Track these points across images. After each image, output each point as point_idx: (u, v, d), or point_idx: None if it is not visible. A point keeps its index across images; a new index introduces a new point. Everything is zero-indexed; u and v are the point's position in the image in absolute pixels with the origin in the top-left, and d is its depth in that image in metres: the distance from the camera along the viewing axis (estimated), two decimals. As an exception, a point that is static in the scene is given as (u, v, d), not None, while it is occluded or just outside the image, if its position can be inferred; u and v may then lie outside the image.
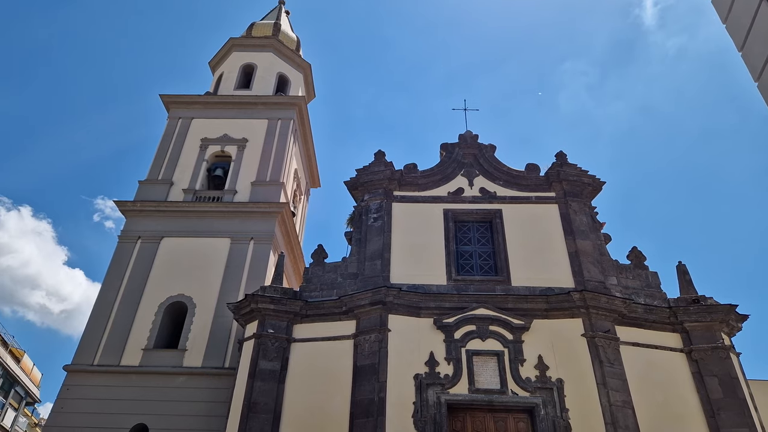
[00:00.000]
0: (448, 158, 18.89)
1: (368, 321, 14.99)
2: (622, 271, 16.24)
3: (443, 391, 13.85)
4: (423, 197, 17.93)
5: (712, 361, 14.29)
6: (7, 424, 45.52)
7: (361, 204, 18.09)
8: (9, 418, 45.61)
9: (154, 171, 22.60)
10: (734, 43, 6.03)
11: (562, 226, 16.89)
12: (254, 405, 14.04)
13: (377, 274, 15.93)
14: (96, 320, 18.59)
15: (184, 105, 24.79)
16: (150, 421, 16.34)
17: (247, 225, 20.73)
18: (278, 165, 22.73)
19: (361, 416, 13.54)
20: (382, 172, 18.06)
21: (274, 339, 15.10)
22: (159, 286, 19.29)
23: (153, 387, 17.01)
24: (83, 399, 16.82)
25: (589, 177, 17.88)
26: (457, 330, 14.76)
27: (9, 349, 43.21)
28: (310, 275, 16.80)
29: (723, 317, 14.91)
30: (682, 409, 13.71)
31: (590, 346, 14.35)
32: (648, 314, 15.14)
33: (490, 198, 17.76)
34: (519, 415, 13.88)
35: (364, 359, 14.41)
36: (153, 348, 17.97)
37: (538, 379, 13.96)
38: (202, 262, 19.76)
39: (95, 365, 17.62)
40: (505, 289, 15.58)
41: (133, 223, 21.00)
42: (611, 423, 13.17)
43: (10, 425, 46.01)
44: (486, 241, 17.15)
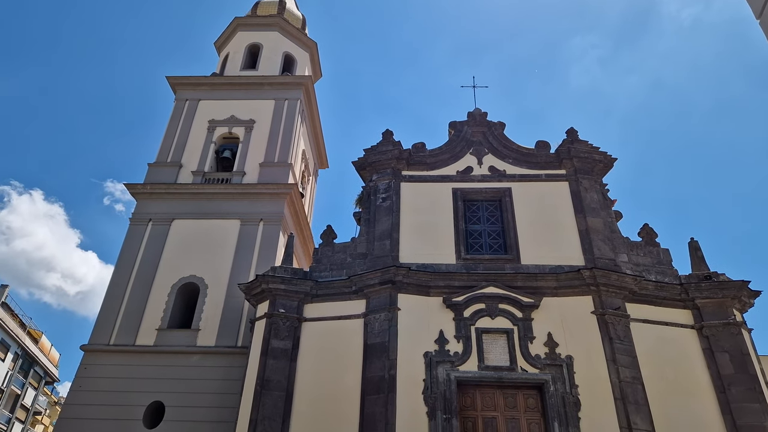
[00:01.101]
0: (456, 137, 18.72)
1: (378, 300, 15.10)
2: (633, 248, 16.15)
3: (453, 369, 13.99)
4: (431, 176, 17.84)
5: (723, 337, 14.27)
6: (28, 402, 46.87)
7: (369, 184, 18.05)
8: (29, 397, 46.96)
9: (163, 153, 22.68)
10: (752, 10, 5.84)
11: (573, 204, 16.76)
12: (267, 382, 14.29)
13: (386, 254, 15.98)
14: (110, 301, 18.92)
15: (191, 87, 24.71)
16: (166, 398, 16.72)
17: (256, 206, 20.82)
18: (286, 146, 22.70)
19: (372, 393, 13.74)
20: (390, 152, 17.97)
21: (285, 318, 15.28)
22: (171, 267, 19.53)
23: (168, 366, 17.36)
24: (101, 378, 17.22)
25: (600, 154, 17.66)
26: (467, 308, 14.83)
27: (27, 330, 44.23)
28: (319, 255, 16.89)
29: (735, 293, 14.83)
30: (693, 385, 13.76)
31: (600, 324, 14.37)
32: (659, 291, 15.09)
33: (499, 176, 17.63)
34: (528, 392, 14.02)
35: (374, 337, 14.56)
36: (167, 328, 18.28)
37: (548, 356, 14.04)
38: (213, 243, 19.93)
39: (111, 345, 17.99)
40: (515, 268, 15.57)
41: (143, 205, 21.17)
42: (620, 398, 13.26)
43: (30, 404, 47.37)
44: (495, 219, 17.08)
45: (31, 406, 47.89)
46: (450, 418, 13.28)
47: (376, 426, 13.18)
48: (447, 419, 13.27)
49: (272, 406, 13.97)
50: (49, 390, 54.83)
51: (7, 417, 43.62)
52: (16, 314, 42.79)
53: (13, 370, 42.25)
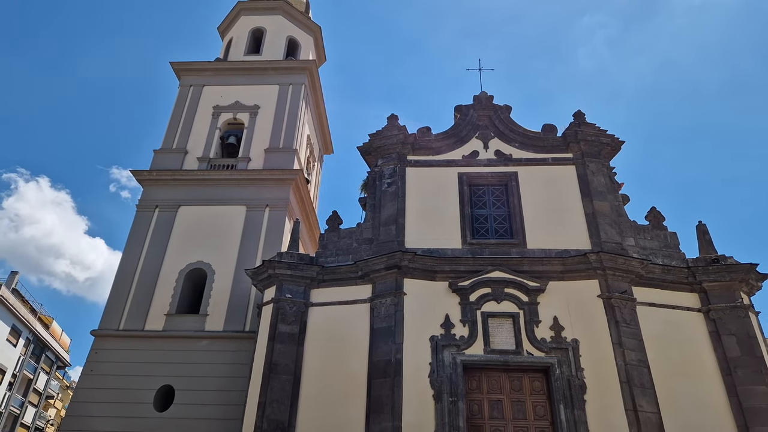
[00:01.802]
0: (462, 121, 18.58)
1: (384, 285, 15.16)
2: (640, 231, 16.07)
3: (459, 352, 14.08)
4: (437, 161, 17.76)
5: (730, 320, 14.25)
6: (40, 387, 47.71)
7: (374, 169, 18.00)
8: (42, 382, 47.78)
9: (168, 140, 22.68)
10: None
11: (580, 188, 16.66)
12: (275, 366, 14.45)
13: (392, 239, 15.99)
14: (119, 287, 19.11)
15: (195, 72, 24.60)
16: (176, 382, 16.96)
17: (262, 192, 20.85)
18: (291, 131, 22.63)
19: (379, 376, 13.87)
20: (396, 137, 17.87)
21: (292, 303, 15.38)
22: (178, 253, 19.66)
23: (177, 350, 17.57)
24: (111, 362, 17.47)
25: (607, 137, 17.49)
26: (473, 293, 14.86)
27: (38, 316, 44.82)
28: (325, 241, 16.93)
29: (743, 276, 14.77)
30: (699, 368, 13.79)
31: (606, 307, 14.38)
32: (666, 275, 15.05)
33: (505, 161, 17.52)
34: (534, 375, 14.10)
35: (381, 322, 14.65)
36: (175, 313, 18.47)
37: (554, 340, 14.08)
38: (219, 229, 20.02)
39: (121, 330, 18.21)
40: (521, 252, 15.55)
41: (150, 192, 21.25)
42: (626, 381, 13.32)
43: (43, 388, 48.23)
44: (501, 204, 17.02)
45: (44, 390, 48.76)
46: (456, 400, 13.41)
47: (383, 409, 13.32)
48: (453, 402, 13.39)
49: (280, 390, 14.14)
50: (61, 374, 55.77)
51: (21, 401, 44.46)
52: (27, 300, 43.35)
53: (25, 355, 42.93)
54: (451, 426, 13.08)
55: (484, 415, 13.69)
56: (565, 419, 13.05)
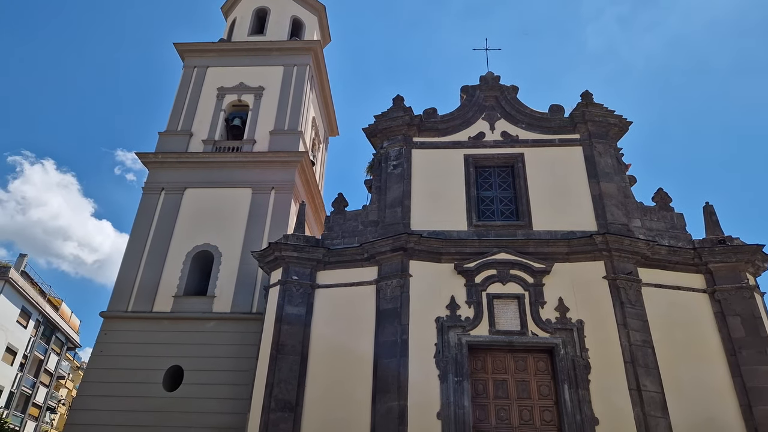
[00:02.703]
0: (468, 102, 18.43)
1: (390, 267, 15.23)
2: (646, 213, 16.02)
3: (464, 333, 14.20)
4: (443, 143, 17.67)
5: (735, 301, 14.27)
6: (51, 367, 48.57)
7: (380, 151, 17.94)
8: (52, 362, 48.62)
9: (173, 122, 22.64)
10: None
11: (586, 169, 16.57)
12: (282, 347, 14.63)
13: (398, 221, 16.01)
14: (127, 269, 19.29)
15: (199, 53, 24.42)
16: (184, 362, 17.22)
17: (268, 175, 20.85)
18: (296, 113, 22.52)
19: (385, 357, 14.03)
20: (401, 118, 17.76)
21: (299, 285, 15.50)
22: (185, 235, 19.78)
23: (185, 331, 17.81)
24: (121, 343, 17.74)
25: (615, 117, 17.33)
26: (478, 274, 14.92)
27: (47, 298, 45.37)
28: (331, 223, 16.98)
29: (749, 257, 14.74)
30: (703, 348, 13.86)
31: (611, 288, 14.42)
32: (672, 256, 15.04)
33: (511, 142, 17.41)
34: (539, 355, 14.22)
35: (387, 303, 14.76)
36: (183, 295, 18.67)
37: (558, 321, 14.17)
38: (226, 212, 20.09)
39: (130, 311, 18.44)
40: (526, 234, 15.55)
41: (156, 174, 21.30)
42: (630, 362, 13.42)
43: (54, 369, 49.09)
44: (507, 185, 16.97)
45: (55, 370, 49.64)
46: (461, 380, 13.57)
47: (389, 388, 13.51)
48: (458, 382, 13.55)
49: (288, 370, 14.34)
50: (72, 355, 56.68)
51: (32, 381, 45.31)
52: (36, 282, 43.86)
53: (35, 336, 43.61)
54: (456, 405, 13.25)
55: (489, 395, 13.86)
56: (569, 399, 13.19)
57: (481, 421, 13.53)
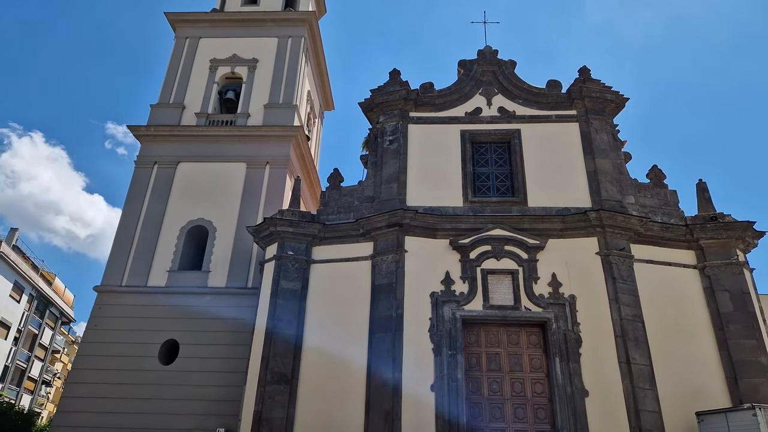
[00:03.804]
0: (466, 76, 18.25)
1: (385, 242, 15.29)
2: (640, 189, 16.12)
3: (458, 308, 14.37)
4: (440, 118, 17.55)
5: (724, 277, 14.53)
6: (46, 342, 48.75)
7: (376, 126, 17.81)
8: (47, 337, 48.77)
9: (165, 94, 22.27)
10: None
11: (582, 145, 16.58)
12: (278, 321, 14.75)
13: (393, 197, 16.01)
14: (120, 244, 19.22)
15: (190, 23, 23.88)
16: (180, 336, 17.34)
17: (262, 149, 20.68)
18: (290, 87, 22.21)
19: (380, 331, 14.20)
20: (398, 92, 17.58)
21: (294, 260, 15.54)
22: (179, 210, 19.67)
23: (180, 306, 17.87)
24: (116, 317, 17.78)
25: (612, 93, 17.26)
26: (473, 250, 15.02)
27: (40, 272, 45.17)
28: (326, 199, 16.94)
29: (739, 234, 14.95)
30: (692, 323, 14.16)
31: (604, 264, 14.60)
32: (664, 232, 15.20)
33: (508, 118, 17.33)
34: (531, 329, 14.46)
35: (382, 279, 14.86)
36: (177, 270, 18.67)
37: (551, 296, 14.37)
38: (220, 186, 19.97)
39: (124, 286, 18.44)
40: (521, 210, 15.63)
41: (148, 148, 21.05)
42: (621, 336, 13.68)
43: (48, 343, 49.29)
44: (503, 162, 16.96)
45: (49, 345, 49.85)
46: (455, 354, 13.79)
47: (384, 361, 13.72)
48: (452, 355, 13.78)
49: (283, 344, 14.48)
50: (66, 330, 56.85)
51: (27, 355, 45.52)
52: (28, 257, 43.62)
53: (29, 311, 43.60)
54: (450, 378, 13.50)
55: (482, 368, 14.12)
56: (560, 371, 13.48)
57: (474, 393, 13.82)
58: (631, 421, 12.77)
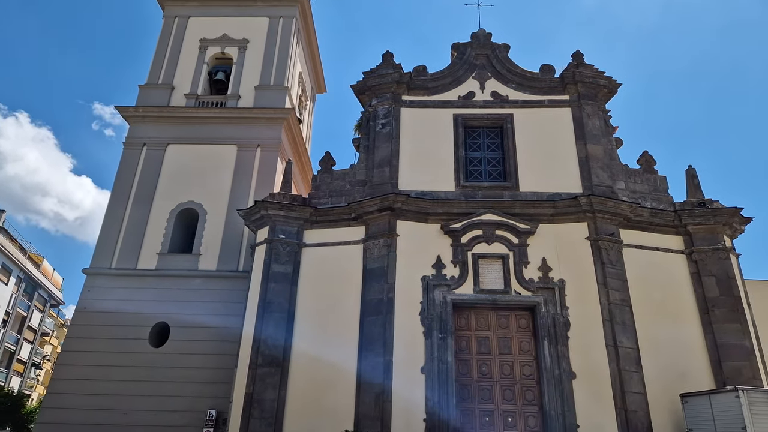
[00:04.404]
0: (459, 60, 18.11)
1: (377, 227, 15.29)
2: (631, 175, 16.22)
3: (449, 292, 14.47)
4: (432, 102, 17.46)
5: (711, 262, 14.74)
6: (35, 324, 48.48)
7: (368, 109, 17.68)
8: (36, 319, 48.49)
9: (154, 75, 21.88)
10: None
11: (574, 131, 16.60)
12: (269, 304, 14.77)
13: (386, 181, 15.97)
14: (109, 226, 19.03)
15: (179, 2, 23.27)
16: (170, 319, 17.31)
17: (253, 131, 20.47)
18: (282, 68, 21.91)
19: (371, 314, 14.28)
20: (390, 75, 17.43)
21: (286, 244, 15.51)
22: (168, 192, 19.49)
23: (171, 289, 17.81)
24: (105, 300, 17.69)
25: (605, 78, 17.25)
26: (464, 234, 15.08)
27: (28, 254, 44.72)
28: (318, 182, 16.86)
29: (727, 220, 15.14)
30: (678, 307, 14.40)
31: (593, 249, 14.74)
32: (653, 218, 15.35)
33: (501, 102, 17.28)
34: (521, 313, 14.62)
35: (373, 262, 14.90)
36: (168, 253, 18.56)
37: (541, 280, 14.50)
38: (210, 169, 19.78)
39: (113, 269, 18.31)
40: (513, 195, 15.68)
41: (136, 129, 20.75)
42: (609, 319, 13.88)
43: (37, 326, 49.03)
44: (496, 146, 16.95)
45: (38, 327, 49.58)
46: (445, 337, 13.93)
47: (375, 345, 13.82)
48: (442, 338, 13.91)
49: (274, 327, 14.53)
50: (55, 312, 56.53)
51: (16, 338, 45.28)
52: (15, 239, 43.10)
53: (17, 293, 43.25)
54: (440, 360, 13.65)
55: (471, 351, 14.29)
56: (549, 354, 13.68)
57: (464, 375, 14.00)
58: (617, 402, 13.02)
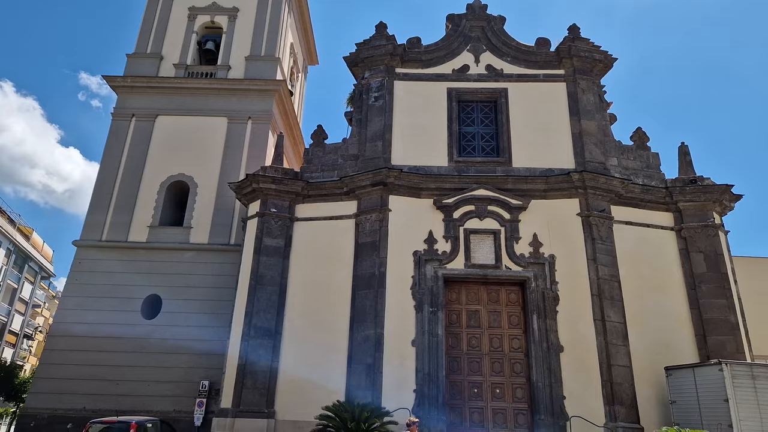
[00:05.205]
0: (454, 32, 17.80)
1: (369, 201, 15.25)
2: (623, 152, 16.22)
3: (441, 266, 14.56)
4: (426, 75, 17.21)
5: (700, 239, 14.91)
6: (26, 296, 48.39)
7: (361, 82, 17.41)
8: (27, 291, 48.37)
9: (142, 44, 21.36)
10: None
11: (569, 106, 16.49)
12: (261, 278, 14.80)
13: (378, 156, 15.86)
14: (99, 198, 18.85)
15: (167, -33, 22.60)
16: (162, 292, 17.34)
17: (244, 103, 20.15)
18: (273, 38, 21.45)
19: (363, 288, 14.36)
20: (384, 47, 17.12)
21: (277, 218, 15.46)
22: (159, 165, 19.26)
23: (162, 262, 17.79)
24: (96, 272, 17.66)
25: (600, 53, 17.07)
26: (457, 210, 15.09)
27: (17, 226, 44.32)
28: (310, 156, 16.71)
29: (717, 197, 15.25)
30: (666, 282, 14.62)
31: (584, 225, 14.83)
32: (644, 194, 15.43)
33: (496, 76, 17.07)
34: (511, 287, 14.78)
35: (366, 237, 14.91)
36: (158, 225, 18.46)
37: (532, 255, 14.61)
38: (201, 141, 19.53)
39: (104, 241, 18.21)
40: (506, 171, 15.65)
41: (125, 100, 20.36)
42: (597, 294, 14.07)
43: (28, 297, 48.95)
44: (489, 121, 16.83)
45: (30, 299, 49.52)
46: (436, 310, 14.08)
47: (367, 318, 13.95)
48: (433, 312, 14.06)
49: (266, 300, 14.60)
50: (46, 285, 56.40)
51: (7, 309, 45.24)
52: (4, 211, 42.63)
53: (7, 265, 43.01)
54: (431, 333, 13.83)
55: (461, 324, 14.47)
56: (537, 328, 13.89)
57: (453, 348, 14.21)
58: (603, 374, 13.31)
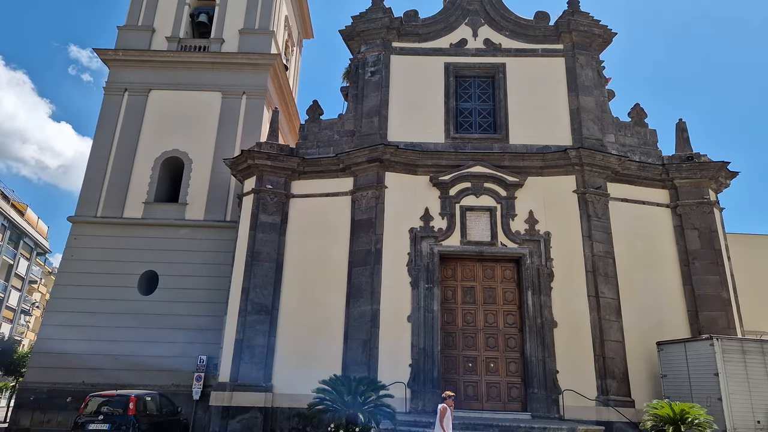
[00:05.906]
0: (452, 4, 17.46)
1: (365, 178, 15.18)
2: (621, 128, 16.13)
3: (437, 243, 14.60)
4: (423, 49, 16.94)
5: (694, 216, 14.97)
6: (22, 272, 48.39)
7: (357, 56, 17.13)
8: (23, 267, 48.35)
9: (133, 16, 20.87)
10: None
11: (567, 82, 16.31)
12: (257, 254, 14.81)
13: (374, 132, 15.71)
14: (93, 174, 18.67)
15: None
16: (159, 268, 17.34)
17: (238, 78, 19.83)
18: (267, 11, 20.99)
19: (359, 264, 14.42)
20: (380, 20, 16.80)
21: (273, 194, 15.39)
22: (152, 140, 19.04)
23: (158, 238, 17.75)
24: (92, 248, 17.61)
25: (600, 27, 16.81)
26: (453, 187, 15.05)
27: (11, 202, 44.05)
28: (306, 132, 16.55)
29: (713, 174, 15.25)
30: (660, 259, 14.73)
31: (580, 202, 14.85)
32: (641, 171, 15.41)
33: (494, 51, 16.82)
34: (506, 264, 14.86)
35: (362, 214, 14.89)
36: (153, 201, 18.35)
37: (527, 232, 14.65)
38: (195, 116, 19.27)
39: (99, 217, 18.12)
40: (503, 147, 15.56)
41: (117, 73, 19.99)
42: (591, 271, 14.18)
43: (25, 273, 48.96)
44: (487, 97, 16.65)
45: (26, 275, 49.55)
46: (432, 287, 14.17)
47: (363, 294, 14.04)
48: (429, 288, 14.16)
49: (263, 276, 14.65)
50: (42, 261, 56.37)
51: (3, 285, 45.29)
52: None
53: (2, 241, 42.88)
54: (426, 309, 13.95)
55: (457, 300, 14.60)
56: (532, 304, 14.03)
57: (449, 324, 14.36)
58: (596, 349, 13.51)
